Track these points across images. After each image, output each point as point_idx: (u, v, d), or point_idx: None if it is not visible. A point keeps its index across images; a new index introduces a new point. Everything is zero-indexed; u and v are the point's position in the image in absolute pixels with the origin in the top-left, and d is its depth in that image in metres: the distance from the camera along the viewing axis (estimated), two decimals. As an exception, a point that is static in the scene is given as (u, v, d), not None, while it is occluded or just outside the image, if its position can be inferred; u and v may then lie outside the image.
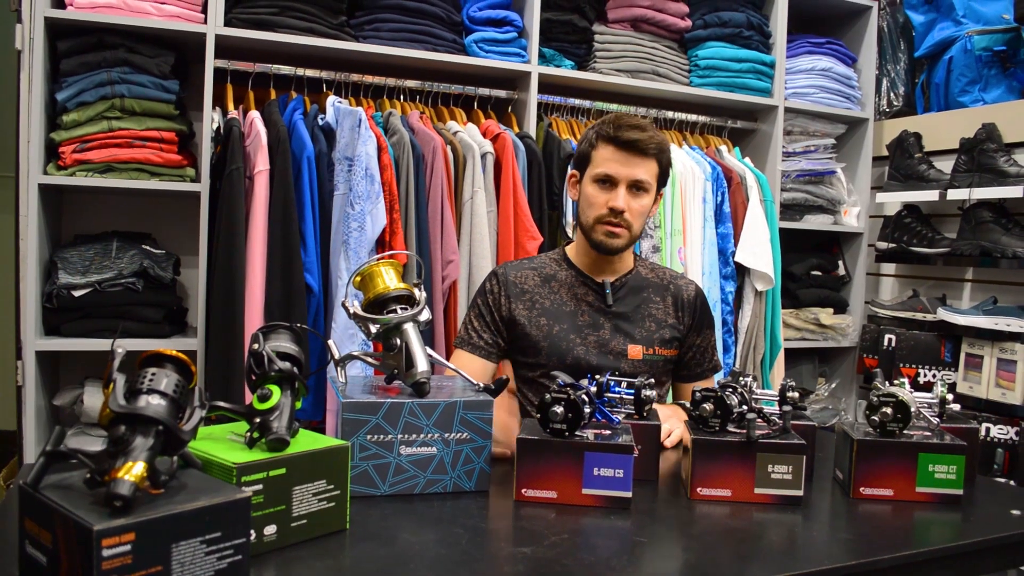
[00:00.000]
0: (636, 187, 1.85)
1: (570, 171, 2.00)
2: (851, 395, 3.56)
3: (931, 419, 1.49)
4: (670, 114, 3.20)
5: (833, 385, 3.54)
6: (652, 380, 1.48)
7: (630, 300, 1.94)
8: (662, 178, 1.92)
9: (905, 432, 1.40)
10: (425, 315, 1.37)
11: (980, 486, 1.51)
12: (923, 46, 3.34)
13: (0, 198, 3.51)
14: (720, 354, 2.98)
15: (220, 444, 1.07)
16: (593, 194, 1.87)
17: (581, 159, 1.94)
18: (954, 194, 2.97)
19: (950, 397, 1.54)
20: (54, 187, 2.53)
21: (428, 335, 2.51)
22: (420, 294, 1.39)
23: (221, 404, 1.10)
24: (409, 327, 1.33)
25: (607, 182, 1.85)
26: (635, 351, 1.89)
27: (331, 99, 2.61)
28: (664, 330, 1.93)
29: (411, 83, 2.83)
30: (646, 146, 1.83)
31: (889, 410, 1.38)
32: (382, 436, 1.25)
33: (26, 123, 2.39)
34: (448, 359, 1.93)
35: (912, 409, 1.39)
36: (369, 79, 2.76)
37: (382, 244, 2.49)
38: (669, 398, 2.03)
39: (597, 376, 1.49)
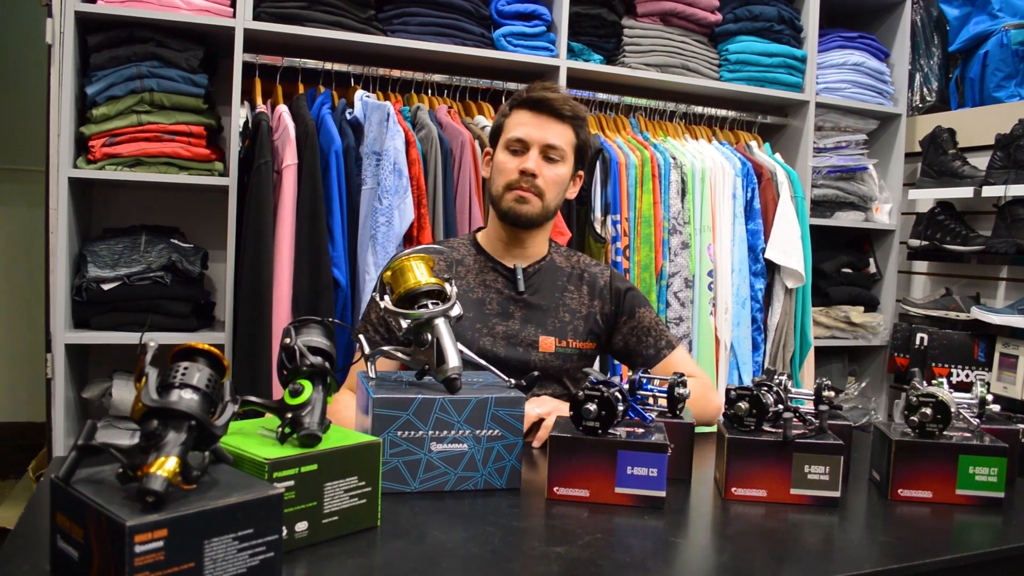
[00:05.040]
0: (550, 153, 1.77)
1: (485, 150, 1.92)
2: (881, 395, 3.51)
3: (971, 420, 1.46)
4: (699, 109, 3.17)
5: (863, 384, 3.50)
6: (685, 378, 1.45)
7: (544, 287, 1.84)
8: (580, 154, 1.83)
9: (944, 433, 1.37)
10: (456, 310, 1.35)
11: (1021, 489, 1.47)
12: (958, 40, 3.29)
13: (30, 192, 3.54)
14: (748, 352, 2.98)
15: (251, 439, 1.06)
16: (504, 160, 1.79)
17: (495, 132, 1.86)
18: (989, 191, 2.92)
19: (990, 397, 1.50)
20: (84, 181, 2.54)
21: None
22: (451, 289, 1.38)
23: (253, 399, 1.09)
24: (440, 322, 1.32)
25: (519, 148, 1.78)
26: (547, 343, 1.80)
27: (359, 93, 2.61)
28: (579, 321, 1.84)
29: (439, 77, 2.81)
30: (560, 107, 1.76)
31: (929, 410, 1.35)
32: (413, 432, 1.23)
33: (56, 117, 2.40)
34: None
35: (952, 410, 1.36)
36: (397, 73, 2.75)
37: (410, 239, 2.48)
38: None
39: (630, 373, 1.47)
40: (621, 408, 1.27)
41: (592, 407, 1.24)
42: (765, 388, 1.36)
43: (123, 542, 0.77)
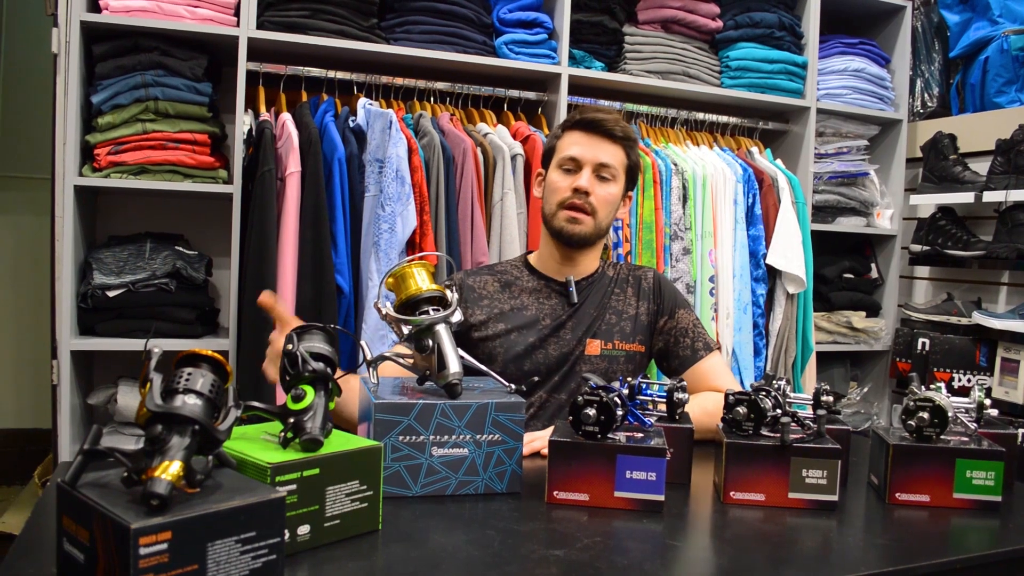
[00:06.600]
0: (602, 172, 1.82)
1: (537, 171, 1.98)
2: (883, 399, 3.51)
3: (969, 424, 1.47)
4: (701, 115, 3.18)
5: (865, 389, 3.50)
6: (685, 383, 1.46)
7: (594, 297, 1.90)
8: (630, 174, 1.88)
9: (942, 437, 1.38)
10: (457, 316, 1.37)
11: (1019, 493, 1.48)
12: (958, 46, 3.30)
13: (36, 200, 3.56)
14: (749, 357, 2.98)
15: (254, 444, 1.07)
16: (557, 180, 1.84)
17: (547, 154, 1.92)
18: (990, 196, 2.93)
19: (988, 402, 1.51)
20: (89, 189, 2.56)
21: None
22: (452, 295, 1.39)
23: (255, 404, 1.10)
24: (441, 328, 1.33)
25: (572, 167, 1.83)
26: (593, 347, 1.85)
27: (362, 101, 2.62)
28: (626, 322, 1.88)
29: (441, 85, 2.83)
30: (611, 128, 1.81)
31: (926, 415, 1.36)
32: (414, 437, 1.25)
33: (62, 125, 2.42)
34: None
35: (949, 414, 1.37)
36: (399, 81, 2.77)
37: (412, 246, 2.49)
38: None
39: (629, 379, 1.49)
40: (620, 413, 1.28)
41: (591, 412, 1.26)
42: (763, 393, 1.37)
43: (128, 544, 0.79)
